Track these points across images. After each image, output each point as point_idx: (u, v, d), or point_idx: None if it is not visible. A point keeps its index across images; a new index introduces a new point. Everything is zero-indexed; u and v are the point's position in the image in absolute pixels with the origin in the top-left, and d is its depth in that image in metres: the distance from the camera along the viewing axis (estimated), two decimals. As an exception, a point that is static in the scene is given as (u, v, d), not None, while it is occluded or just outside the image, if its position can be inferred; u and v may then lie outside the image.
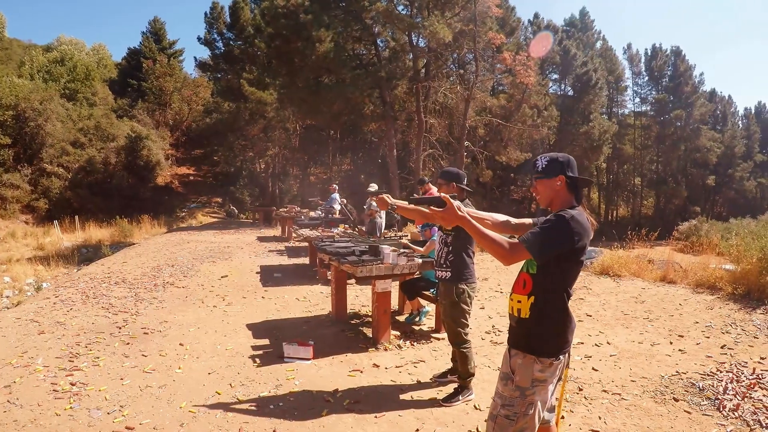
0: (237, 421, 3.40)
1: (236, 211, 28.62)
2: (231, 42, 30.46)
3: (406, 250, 5.46)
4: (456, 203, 2.20)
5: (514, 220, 2.51)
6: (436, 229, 4.98)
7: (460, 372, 3.81)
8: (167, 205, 27.89)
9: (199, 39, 31.63)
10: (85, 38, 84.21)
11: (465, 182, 3.84)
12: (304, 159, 31.93)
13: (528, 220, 2.45)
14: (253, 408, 3.61)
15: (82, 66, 34.83)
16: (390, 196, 3.28)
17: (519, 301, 2.19)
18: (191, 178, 35.33)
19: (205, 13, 31.88)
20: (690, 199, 43.74)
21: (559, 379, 2.24)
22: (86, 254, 15.19)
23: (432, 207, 2.31)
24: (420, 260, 5.03)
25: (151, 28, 41.55)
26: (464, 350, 3.75)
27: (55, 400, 3.68)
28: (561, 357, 2.14)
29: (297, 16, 19.00)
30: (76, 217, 21.46)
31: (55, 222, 20.73)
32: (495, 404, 2.20)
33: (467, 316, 3.79)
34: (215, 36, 31.37)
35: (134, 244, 15.60)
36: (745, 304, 6.21)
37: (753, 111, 57.49)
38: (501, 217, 2.54)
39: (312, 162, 33.37)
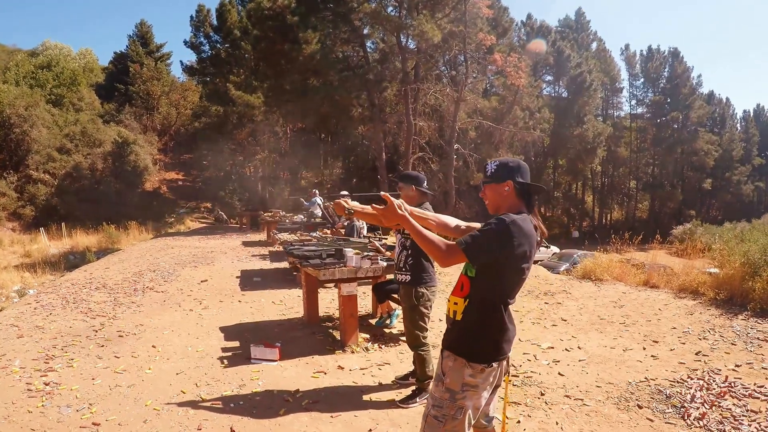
0: (198, 418, 3.47)
1: (225, 216, 28.41)
2: (218, 45, 30.09)
3: (371, 253, 5.42)
4: (397, 202, 2.17)
5: (464, 224, 2.47)
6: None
7: (419, 375, 3.79)
8: (155, 211, 27.64)
9: (185, 42, 31.17)
10: (71, 42, 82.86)
11: (425, 185, 3.82)
12: (295, 163, 31.83)
13: (478, 225, 2.37)
14: (214, 406, 3.67)
15: (68, 71, 34.58)
16: (348, 201, 3.23)
17: (455, 303, 2.14)
18: (180, 183, 35.20)
19: (191, 16, 31.53)
20: (685, 203, 43.81)
21: (497, 386, 2.19)
22: (73, 261, 15.13)
23: (374, 205, 2.29)
24: (385, 263, 5.01)
25: (138, 31, 41.26)
26: (422, 353, 3.73)
27: (29, 398, 3.79)
28: (494, 365, 2.09)
29: (284, 18, 18.98)
30: (63, 223, 21.31)
31: (42, 229, 20.61)
32: (427, 403, 2.17)
33: (426, 319, 3.77)
34: (202, 39, 30.93)
35: (120, 250, 15.52)
36: (726, 309, 6.13)
37: (752, 114, 57.25)
38: (451, 221, 2.50)
39: (303, 166, 33.26)
